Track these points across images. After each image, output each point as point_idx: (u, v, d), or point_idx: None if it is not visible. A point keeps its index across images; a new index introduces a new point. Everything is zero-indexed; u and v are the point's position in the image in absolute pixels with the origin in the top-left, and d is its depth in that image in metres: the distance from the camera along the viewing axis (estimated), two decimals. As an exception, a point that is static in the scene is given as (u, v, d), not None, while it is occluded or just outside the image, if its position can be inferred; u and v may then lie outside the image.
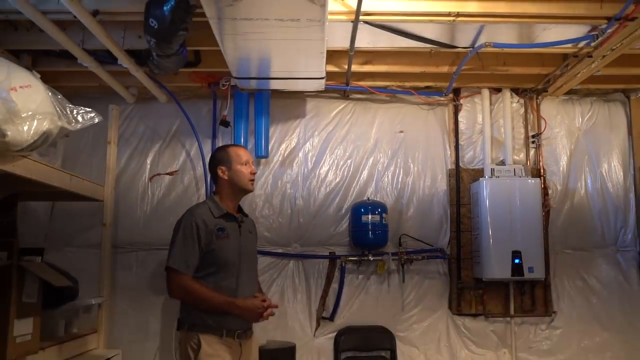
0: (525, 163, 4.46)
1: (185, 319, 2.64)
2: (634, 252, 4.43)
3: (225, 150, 2.90)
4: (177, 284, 2.60)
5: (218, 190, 2.87)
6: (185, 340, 2.59)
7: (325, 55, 3.28)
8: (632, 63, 3.99)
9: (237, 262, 2.70)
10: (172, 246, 2.64)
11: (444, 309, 4.31)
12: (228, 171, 2.82)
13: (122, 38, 3.41)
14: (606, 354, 4.27)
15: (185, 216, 2.73)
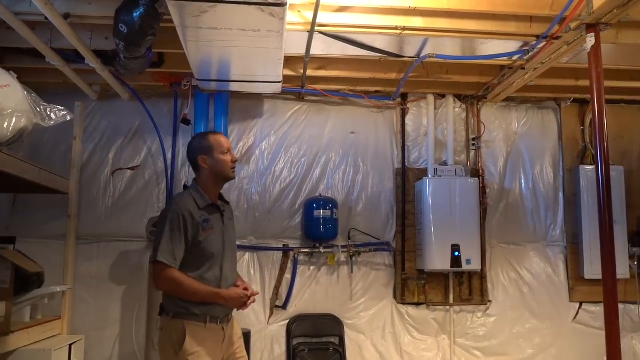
0: (466, 164, 4.82)
1: (170, 306, 2.65)
2: (562, 247, 4.85)
3: (206, 139, 2.83)
4: (164, 277, 2.59)
5: (199, 179, 2.83)
6: (170, 327, 2.63)
7: (283, 61, 3.53)
8: (561, 75, 4.38)
9: (222, 252, 2.74)
10: (160, 238, 2.62)
11: (389, 298, 4.63)
12: (209, 160, 2.78)
13: (90, 39, 3.58)
14: (535, 339, 4.68)
15: (171, 208, 2.69)
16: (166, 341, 2.64)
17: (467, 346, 4.60)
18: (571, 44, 3.57)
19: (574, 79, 4.44)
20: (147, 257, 4.34)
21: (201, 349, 2.60)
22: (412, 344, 4.56)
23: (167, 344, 2.63)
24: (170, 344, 2.61)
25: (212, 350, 2.65)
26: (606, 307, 3.19)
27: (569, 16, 3.21)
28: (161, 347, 2.69)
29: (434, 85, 4.65)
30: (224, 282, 2.72)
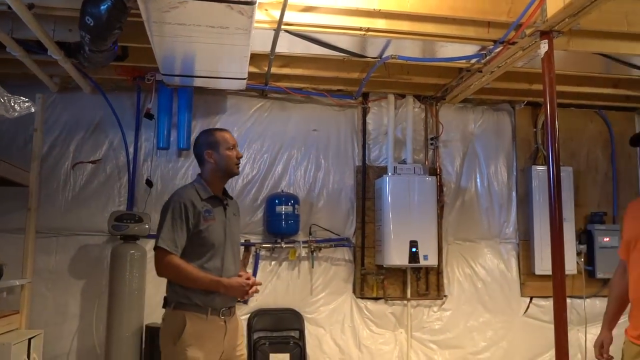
0: (424, 162, 4.97)
1: (172, 297, 2.69)
2: (514, 244, 5.05)
3: (213, 135, 2.89)
4: (166, 263, 2.63)
5: (204, 173, 2.88)
6: (170, 318, 2.67)
7: (249, 58, 3.57)
8: (516, 79, 4.56)
9: (223, 243, 2.76)
10: (162, 226, 2.67)
11: (348, 292, 4.73)
12: (215, 155, 2.82)
13: (53, 30, 3.54)
14: (488, 332, 4.86)
15: (173, 197, 2.76)
16: (166, 332, 2.68)
17: (423, 339, 4.75)
18: (526, 50, 3.73)
19: (527, 82, 4.62)
20: (107, 251, 4.33)
21: (200, 341, 2.63)
22: (370, 338, 4.68)
23: (166, 335, 2.67)
24: (169, 334, 2.64)
25: (211, 343, 2.67)
26: (555, 301, 3.36)
27: (524, 23, 3.36)
28: (161, 338, 2.71)
29: (394, 85, 4.76)
30: (225, 274, 2.73)
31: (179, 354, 2.58)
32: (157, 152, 4.52)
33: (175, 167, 4.59)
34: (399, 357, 4.68)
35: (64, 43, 3.65)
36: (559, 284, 3.35)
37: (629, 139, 3.03)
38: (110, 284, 4.12)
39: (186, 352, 2.58)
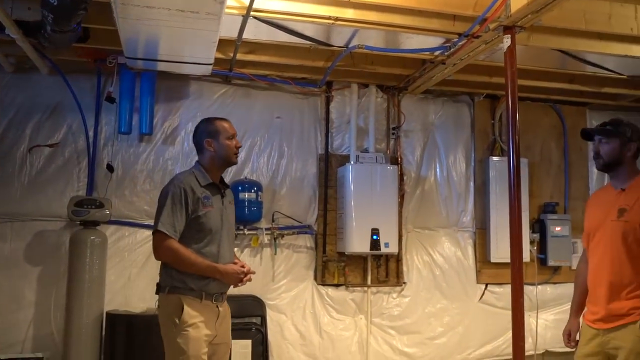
0: (386, 152, 5.03)
1: (166, 281, 2.73)
2: (471, 232, 5.20)
3: (213, 124, 2.94)
4: (165, 247, 2.68)
5: (202, 161, 2.92)
6: (166, 303, 2.72)
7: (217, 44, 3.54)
8: (477, 72, 4.67)
9: (220, 230, 2.82)
10: (161, 210, 2.71)
11: (310, 279, 4.78)
12: (215, 144, 2.88)
13: (11, 8, 3.42)
14: (445, 318, 4.99)
15: (173, 182, 2.80)
16: (165, 316, 2.72)
17: (383, 325, 4.84)
18: (489, 43, 3.82)
19: (487, 75, 4.73)
20: (66, 237, 4.24)
21: (199, 321, 2.68)
22: (331, 324, 4.74)
23: (166, 318, 2.71)
24: (169, 318, 2.68)
25: (208, 326, 2.72)
26: (513, 287, 3.49)
27: (489, 17, 3.43)
28: (162, 323, 2.75)
29: (358, 75, 4.79)
30: (221, 260, 2.80)
31: (181, 334, 2.63)
32: (118, 137, 4.44)
33: (136, 152, 4.51)
34: (359, 342, 4.77)
35: (22, 22, 3.54)
36: (517, 271, 3.48)
37: (580, 131, 3.15)
38: (70, 271, 4.04)
39: (187, 332, 2.63)
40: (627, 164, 2.80)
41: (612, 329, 2.64)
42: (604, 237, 2.77)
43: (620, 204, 2.73)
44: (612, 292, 2.66)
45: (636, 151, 2.80)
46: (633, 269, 2.61)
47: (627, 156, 2.79)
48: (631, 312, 2.57)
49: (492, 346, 5.06)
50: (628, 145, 2.78)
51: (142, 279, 4.40)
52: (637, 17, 3.76)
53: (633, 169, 2.81)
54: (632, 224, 2.63)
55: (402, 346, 4.85)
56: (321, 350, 4.67)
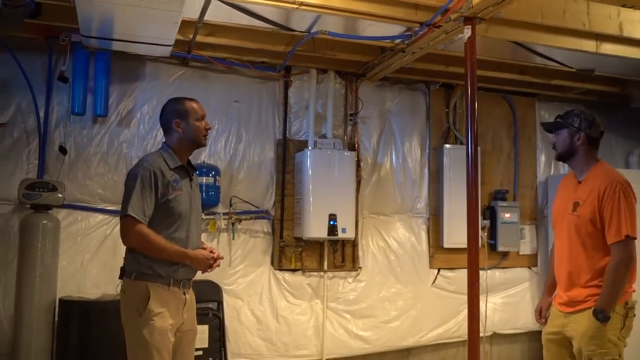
0: (343, 138, 5.07)
1: (133, 267, 2.63)
2: (425, 218, 5.31)
3: (182, 104, 2.84)
4: (134, 232, 2.57)
5: (170, 142, 2.84)
6: (132, 289, 2.62)
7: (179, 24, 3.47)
8: (434, 60, 4.74)
9: (189, 214, 2.75)
10: (130, 194, 2.60)
11: (267, 264, 4.78)
12: (184, 125, 2.79)
13: (-41, -20, 3.26)
14: (399, 302, 5.10)
15: (142, 165, 2.68)
16: (129, 303, 2.62)
17: (339, 310, 4.90)
18: (449, 33, 3.89)
19: (444, 65, 4.82)
20: (14, 221, 4.09)
21: (165, 310, 2.60)
22: (287, 309, 4.76)
23: (130, 306, 2.61)
24: (133, 305, 2.59)
25: (174, 313, 2.64)
26: (469, 272, 3.61)
27: (451, 8, 3.50)
28: (124, 310, 2.65)
29: (318, 60, 4.79)
30: (189, 245, 2.73)
31: (145, 324, 2.55)
32: (71, 118, 4.28)
33: (90, 134, 4.37)
34: (315, 326, 4.81)
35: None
36: (473, 256, 3.59)
37: (540, 124, 3.27)
38: (20, 256, 3.90)
39: (154, 322, 2.55)
40: (582, 153, 2.89)
41: (571, 313, 2.79)
42: (563, 228, 2.92)
43: (576, 197, 2.86)
44: (571, 280, 2.82)
45: (587, 139, 2.89)
46: (587, 260, 2.75)
47: (577, 145, 2.90)
48: (588, 299, 2.72)
49: (444, 329, 5.21)
50: (577, 135, 2.89)
51: (96, 264, 4.30)
52: (589, 13, 3.91)
53: (588, 158, 2.90)
54: (584, 219, 2.77)
55: (358, 330, 4.93)
56: (278, 335, 4.70)
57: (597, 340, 2.63)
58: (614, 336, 2.63)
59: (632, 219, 2.67)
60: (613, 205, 2.67)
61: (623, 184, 2.74)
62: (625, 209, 2.67)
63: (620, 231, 2.64)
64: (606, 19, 3.96)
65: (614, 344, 2.62)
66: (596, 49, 4.29)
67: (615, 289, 2.62)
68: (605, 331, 2.62)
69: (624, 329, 2.66)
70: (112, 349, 3.81)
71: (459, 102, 5.45)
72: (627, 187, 2.75)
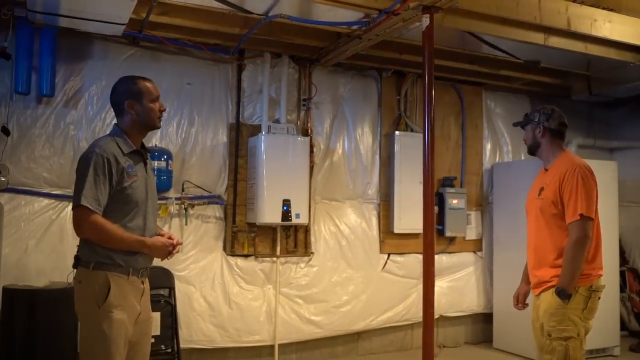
0: (297, 123, 5.04)
1: (91, 257, 2.47)
2: (375, 204, 5.37)
3: (135, 84, 2.63)
4: (88, 223, 2.41)
5: (123, 124, 2.63)
6: (90, 279, 2.46)
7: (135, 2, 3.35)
8: (387, 48, 4.78)
9: (145, 201, 2.61)
10: (82, 182, 2.42)
11: (219, 250, 4.73)
12: (137, 106, 2.59)
13: None
14: (350, 286, 5.16)
15: (94, 151, 2.48)
16: (86, 294, 2.46)
17: (291, 295, 4.91)
18: (406, 21, 3.94)
19: (397, 52, 4.87)
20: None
21: (125, 302, 2.47)
22: (240, 294, 4.73)
23: (87, 297, 2.45)
24: (91, 297, 2.44)
25: (133, 304, 2.52)
26: (425, 256, 3.67)
27: (412, -4, 3.53)
28: (80, 301, 2.49)
29: (272, 44, 4.73)
30: (147, 232, 2.58)
31: (104, 317, 2.42)
32: (14, 97, 4.06)
33: (35, 114, 4.17)
34: (267, 312, 4.81)
35: None
36: (429, 241, 3.65)
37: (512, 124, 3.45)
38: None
39: (112, 315, 2.42)
40: (545, 144, 3.04)
41: (539, 294, 2.92)
42: (531, 213, 3.07)
43: (542, 183, 3.00)
44: (538, 260, 2.95)
45: (547, 131, 3.03)
46: (552, 240, 2.88)
47: (538, 137, 3.05)
48: (552, 279, 2.83)
49: (393, 312, 5.32)
50: (538, 128, 3.05)
51: (41, 251, 4.14)
52: (540, 7, 4.04)
53: (553, 148, 3.03)
54: (547, 201, 2.91)
55: (309, 315, 4.96)
56: (230, 321, 4.66)
57: (557, 317, 2.76)
58: (575, 316, 2.75)
59: (588, 200, 2.79)
60: (572, 187, 2.80)
61: (582, 168, 2.87)
62: (582, 191, 2.79)
63: (577, 211, 2.77)
64: (556, 13, 4.10)
65: (573, 322, 2.74)
66: (544, 42, 4.45)
67: (573, 266, 2.73)
68: (566, 309, 2.73)
69: (586, 309, 2.77)
70: (61, 339, 3.71)
71: (409, 90, 5.53)
72: (586, 171, 2.87)
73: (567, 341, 2.73)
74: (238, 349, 4.74)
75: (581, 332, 2.76)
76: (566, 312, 2.74)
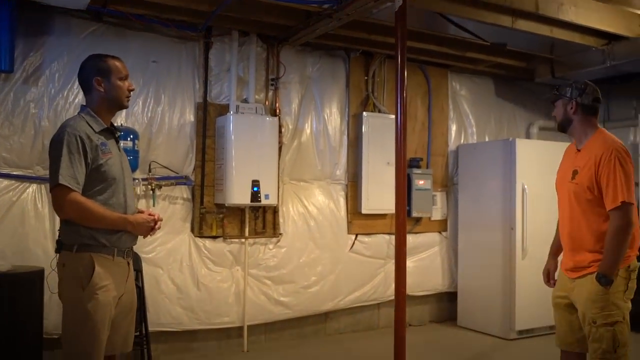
0: (265, 103, 4.98)
1: (74, 239, 2.44)
2: (343, 185, 5.38)
3: (104, 61, 2.61)
4: (69, 202, 2.37)
5: (91, 103, 2.59)
6: (74, 261, 2.43)
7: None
8: (356, 28, 4.75)
9: (122, 177, 2.58)
10: (58, 162, 2.37)
11: (187, 232, 4.66)
12: (105, 84, 2.56)
13: None
14: (318, 267, 5.17)
15: (66, 130, 2.43)
16: (69, 277, 2.43)
17: (259, 276, 4.89)
18: (378, 1, 3.91)
19: (367, 32, 4.84)
20: None
21: (110, 283, 2.42)
22: (208, 276, 4.69)
23: (70, 280, 2.42)
24: (75, 279, 2.40)
25: (117, 285, 2.48)
26: (397, 237, 3.71)
27: (386, -25, 3.51)
28: (64, 284, 2.45)
29: (240, 22, 4.64)
30: (128, 210, 2.54)
31: (89, 298, 2.38)
32: (-30, 73, 3.89)
33: (-8, 91, 4.01)
34: (236, 293, 4.78)
35: None
36: (401, 223, 3.69)
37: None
38: None
39: (97, 297, 2.38)
40: (578, 122, 2.88)
41: (576, 278, 2.84)
42: (563, 195, 2.96)
43: (575, 165, 2.88)
44: (574, 246, 2.87)
45: (580, 107, 2.87)
46: (588, 226, 2.80)
47: (570, 114, 2.89)
48: (591, 265, 2.76)
49: (360, 292, 5.36)
50: (570, 104, 2.88)
51: (1, 234, 3.99)
52: (512, -10, 4.08)
53: (586, 126, 2.89)
54: (582, 186, 2.80)
55: (278, 296, 4.96)
56: (199, 303, 4.62)
57: (600, 303, 2.69)
58: (617, 299, 2.70)
59: (628, 185, 2.70)
60: (609, 172, 2.70)
61: (620, 150, 2.74)
62: (621, 176, 2.69)
63: (617, 198, 2.67)
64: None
65: (617, 306, 2.69)
66: (512, 24, 4.51)
67: (616, 253, 2.68)
68: (608, 294, 2.68)
69: (627, 290, 2.74)
70: (24, 325, 3.60)
71: (377, 71, 5.53)
72: (624, 154, 2.75)
73: (613, 326, 2.67)
74: (207, 331, 4.70)
75: (626, 315, 2.72)
76: (609, 297, 2.68)
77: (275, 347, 4.89)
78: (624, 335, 2.69)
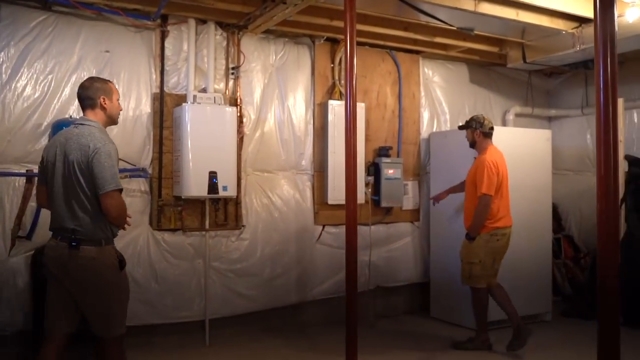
0: (225, 92, 4.87)
1: (101, 234, 2.93)
2: (309, 175, 5.27)
3: (107, 84, 3.13)
4: (121, 203, 2.94)
5: (97, 118, 3.04)
6: (105, 254, 2.95)
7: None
8: (318, 14, 4.65)
9: None
10: (108, 169, 2.85)
11: (144, 225, 4.56)
12: (109, 102, 3.07)
13: None
14: (284, 259, 5.08)
15: (105, 141, 2.91)
16: (105, 267, 2.94)
17: (222, 269, 4.81)
18: (330, -16, 3.78)
19: (328, 18, 4.72)
20: None
21: None
22: (168, 269, 4.60)
23: (107, 269, 2.95)
24: (111, 267, 2.96)
25: None
26: (347, 228, 3.58)
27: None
28: (100, 272, 2.91)
29: (196, 9, 4.52)
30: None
31: (124, 278, 3.07)
32: None
33: None
34: (197, 286, 4.70)
35: None
36: (352, 212, 3.56)
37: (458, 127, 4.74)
38: None
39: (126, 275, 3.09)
40: (478, 142, 4.66)
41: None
42: (468, 186, 4.72)
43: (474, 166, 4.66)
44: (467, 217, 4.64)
45: (476, 133, 4.65)
46: (472, 204, 4.58)
47: (474, 137, 4.67)
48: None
49: (328, 284, 5.26)
50: (475, 132, 4.65)
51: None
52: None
53: (483, 145, 4.64)
54: (469, 177, 4.66)
55: (242, 289, 4.87)
56: (158, 297, 4.53)
57: (466, 249, 4.60)
58: (477, 249, 4.51)
59: (489, 183, 4.42)
60: (477, 173, 4.53)
61: (489, 161, 4.47)
62: (487, 177, 4.43)
63: (482, 190, 4.45)
64: (486, -22, 4.01)
65: (475, 254, 4.52)
66: (475, 8, 4.37)
67: (476, 221, 4.50)
68: (471, 246, 4.54)
69: (487, 248, 4.50)
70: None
71: (344, 58, 5.38)
72: (491, 164, 4.46)
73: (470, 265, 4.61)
74: (167, 326, 4.61)
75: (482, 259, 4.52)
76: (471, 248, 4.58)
77: (239, 341, 4.79)
78: (477, 270, 4.51)
